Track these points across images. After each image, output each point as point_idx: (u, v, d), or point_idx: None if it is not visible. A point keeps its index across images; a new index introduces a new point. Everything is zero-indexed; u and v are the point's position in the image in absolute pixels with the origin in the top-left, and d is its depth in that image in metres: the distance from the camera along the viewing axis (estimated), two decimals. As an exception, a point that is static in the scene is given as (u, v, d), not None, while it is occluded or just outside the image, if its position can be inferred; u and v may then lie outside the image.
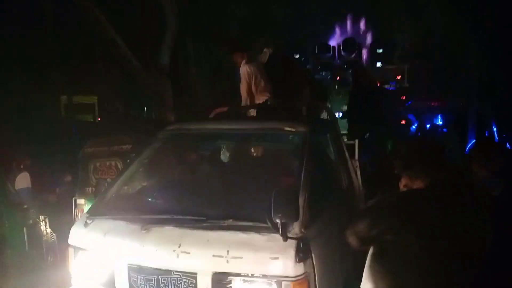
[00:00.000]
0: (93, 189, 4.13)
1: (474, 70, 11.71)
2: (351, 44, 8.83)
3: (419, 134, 8.99)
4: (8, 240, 4.55)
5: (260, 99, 5.30)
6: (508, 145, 10.71)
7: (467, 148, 7.49)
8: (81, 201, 4.52)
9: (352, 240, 1.91)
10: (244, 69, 5.28)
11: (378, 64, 8.75)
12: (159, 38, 10.70)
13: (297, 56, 8.83)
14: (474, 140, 9.39)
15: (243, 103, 5.26)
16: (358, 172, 4.29)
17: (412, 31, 15.62)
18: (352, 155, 4.33)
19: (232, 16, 14.99)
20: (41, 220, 5.08)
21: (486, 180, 2.73)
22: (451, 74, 12.84)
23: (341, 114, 6.58)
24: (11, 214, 4.76)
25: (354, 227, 1.90)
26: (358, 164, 4.35)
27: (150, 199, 3.31)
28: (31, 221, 5.18)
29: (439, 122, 10.87)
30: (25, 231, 4.99)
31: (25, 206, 5.22)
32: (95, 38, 14.34)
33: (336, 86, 8.54)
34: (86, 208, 4.20)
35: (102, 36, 13.53)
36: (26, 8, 13.29)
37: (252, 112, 4.43)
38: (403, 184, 2.10)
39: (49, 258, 4.95)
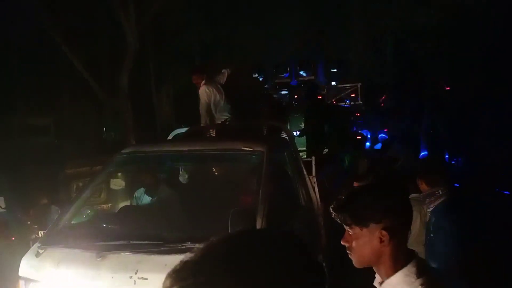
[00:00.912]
0: None
1: (427, 88, 12.46)
2: (307, 64, 9.13)
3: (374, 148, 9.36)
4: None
5: (219, 119, 5.37)
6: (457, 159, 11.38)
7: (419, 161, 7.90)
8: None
9: None
10: (203, 90, 5.36)
11: (333, 83, 9.09)
12: (119, 59, 10.59)
13: (256, 75, 8.99)
14: (425, 153, 9.89)
15: (202, 123, 5.30)
16: (316, 188, 4.38)
17: (367, 51, 16.44)
18: (309, 172, 4.42)
19: (193, 37, 15.09)
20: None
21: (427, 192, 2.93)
22: (404, 91, 13.55)
23: (298, 133, 6.72)
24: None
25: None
26: (315, 180, 4.44)
27: (105, 225, 3.22)
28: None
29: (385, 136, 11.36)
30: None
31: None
32: (52, 59, 13.99)
33: (295, 104, 8.75)
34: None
35: (60, 57, 13.23)
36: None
37: (212, 133, 4.46)
38: None
39: None
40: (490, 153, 9.84)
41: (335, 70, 9.12)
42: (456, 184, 6.02)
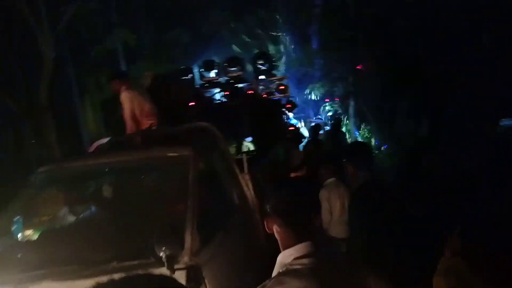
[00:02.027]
0: None
1: (350, 76, 13.07)
2: (235, 60, 9.11)
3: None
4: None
5: (146, 124, 5.16)
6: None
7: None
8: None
9: None
10: (124, 95, 5.11)
11: (262, 77, 9.16)
12: (35, 70, 9.86)
13: (185, 76, 8.80)
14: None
15: (128, 130, 5.06)
16: (250, 185, 4.37)
17: (294, 42, 16.84)
18: (242, 170, 4.39)
19: (115, 41, 14.45)
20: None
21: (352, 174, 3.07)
22: (331, 79, 14.10)
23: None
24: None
25: None
26: (249, 177, 4.43)
27: (22, 254, 2.95)
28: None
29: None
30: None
31: None
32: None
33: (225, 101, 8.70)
34: None
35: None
36: None
37: (136, 141, 4.27)
38: None
39: None
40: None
41: (262, 64, 9.18)
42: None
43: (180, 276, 2.36)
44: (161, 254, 2.31)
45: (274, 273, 1.58)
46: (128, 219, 3.00)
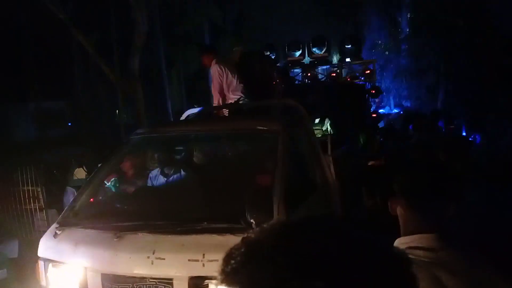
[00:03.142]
0: None
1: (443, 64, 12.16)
2: (320, 40, 8.90)
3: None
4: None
5: (232, 99, 5.27)
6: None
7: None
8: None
9: None
10: (214, 69, 5.25)
11: (348, 59, 8.86)
12: (130, 42, 10.54)
13: (268, 53, 8.82)
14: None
15: (215, 103, 5.22)
16: (332, 167, 4.31)
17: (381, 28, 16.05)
18: (325, 151, 4.34)
19: (204, 17, 14.90)
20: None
21: None
22: (417, 71, 13.27)
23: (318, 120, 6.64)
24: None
25: None
26: (331, 159, 4.37)
27: (121, 206, 3.22)
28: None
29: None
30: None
31: None
32: (65, 44, 13.99)
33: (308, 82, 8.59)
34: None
35: (72, 42, 13.20)
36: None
37: (225, 112, 4.39)
38: None
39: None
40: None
41: (349, 47, 8.86)
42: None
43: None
44: (251, 220, 2.38)
45: None
46: (218, 184, 3.12)
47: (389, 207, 1.43)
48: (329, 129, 6.72)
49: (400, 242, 1.34)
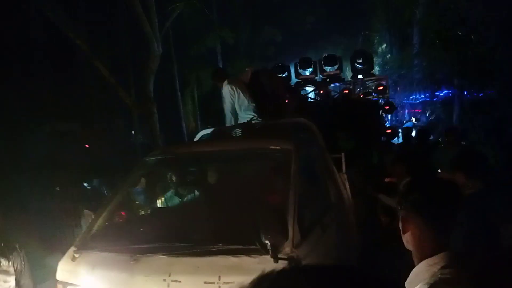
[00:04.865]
0: None
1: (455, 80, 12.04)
2: (332, 58, 8.96)
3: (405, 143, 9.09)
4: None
5: (244, 118, 5.32)
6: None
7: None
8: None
9: None
10: (226, 89, 5.32)
11: (360, 76, 8.88)
12: (144, 65, 10.77)
13: (281, 73, 8.92)
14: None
15: (227, 123, 5.28)
16: (347, 185, 4.29)
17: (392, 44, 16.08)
18: (339, 168, 4.33)
19: (214, 39, 15.19)
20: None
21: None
22: (430, 84, 13.19)
23: None
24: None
25: None
26: (346, 177, 4.35)
27: (137, 228, 3.25)
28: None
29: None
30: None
31: None
32: (80, 68, 14.38)
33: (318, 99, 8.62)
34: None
35: (87, 66, 13.56)
36: (16, 37, 13.30)
37: (237, 132, 4.43)
38: None
39: None
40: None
41: (360, 61, 8.89)
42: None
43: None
44: (266, 242, 2.37)
45: None
46: (232, 205, 3.13)
47: (401, 227, 1.40)
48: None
49: (429, 264, 1.31)
